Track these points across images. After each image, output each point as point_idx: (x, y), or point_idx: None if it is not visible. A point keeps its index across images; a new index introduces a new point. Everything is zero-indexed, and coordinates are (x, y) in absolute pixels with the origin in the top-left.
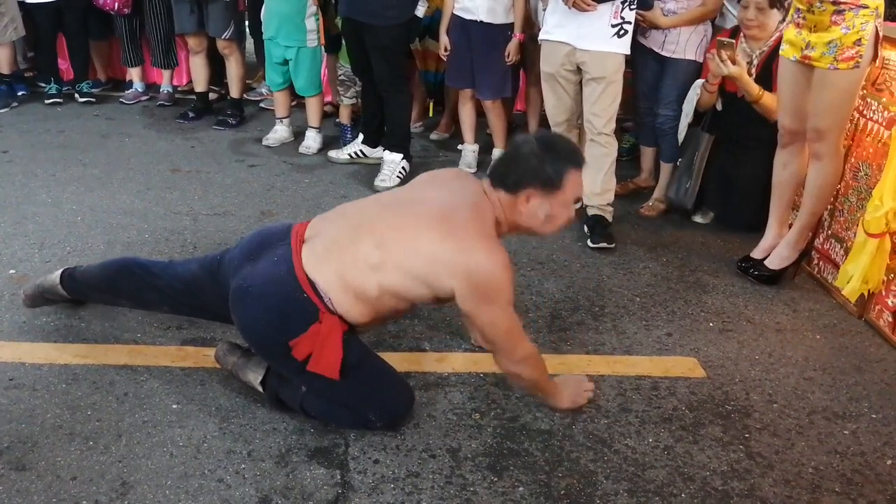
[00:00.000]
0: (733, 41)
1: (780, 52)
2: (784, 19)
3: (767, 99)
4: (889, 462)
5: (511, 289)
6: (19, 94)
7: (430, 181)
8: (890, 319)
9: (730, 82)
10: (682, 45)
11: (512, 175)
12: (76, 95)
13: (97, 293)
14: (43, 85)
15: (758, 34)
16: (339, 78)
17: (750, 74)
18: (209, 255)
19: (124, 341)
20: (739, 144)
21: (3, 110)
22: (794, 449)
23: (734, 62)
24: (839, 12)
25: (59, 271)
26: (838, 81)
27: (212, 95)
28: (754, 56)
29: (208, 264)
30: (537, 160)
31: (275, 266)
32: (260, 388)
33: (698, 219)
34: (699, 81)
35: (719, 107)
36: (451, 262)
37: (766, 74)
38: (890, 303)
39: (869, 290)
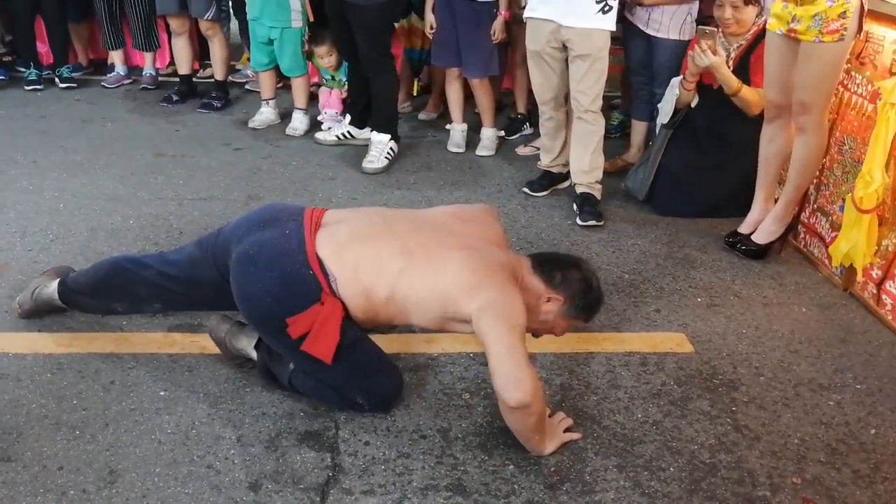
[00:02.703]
0: (714, 29)
1: (767, 25)
2: (760, 13)
3: (746, 92)
4: (873, 431)
5: (524, 320)
6: None
7: (465, 218)
8: (874, 292)
9: (707, 75)
10: (666, 24)
11: (559, 276)
12: (57, 80)
13: (90, 299)
14: (22, 70)
15: (736, 30)
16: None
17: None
18: (205, 235)
19: (110, 329)
20: (707, 136)
21: None
22: (780, 421)
23: (714, 52)
24: None
25: (55, 284)
26: (823, 54)
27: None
28: (732, 49)
29: (205, 240)
30: (584, 289)
31: (285, 239)
32: (253, 354)
33: None
34: (676, 80)
35: (694, 103)
36: (476, 285)
37: (743, 67)
38: (874, 275)
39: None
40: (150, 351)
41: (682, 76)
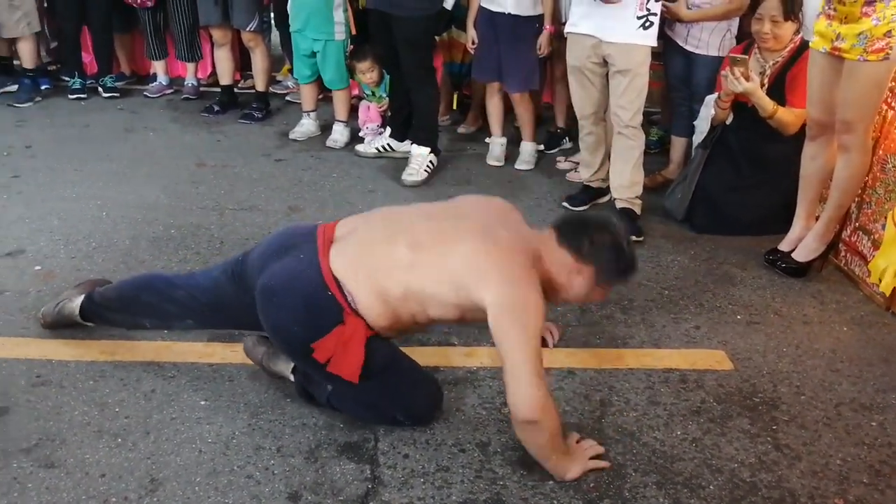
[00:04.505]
0: (746, 57)
1: (810, 44)
2: (798, 30)
3: (782, 114)
4: None
5: (541, 323)
6: (43, 88)
7: (480, 205)
8: None
9: (742, 94)
10: (705, 41)
11: (585, 247)
12: (100, 90)
13: (117, 314)
14: (67, 79)
15: (773, 46)
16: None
17: (762, 85)
18: (230, 259)
19: (151, 338)
20: (743, 156)
21: (27, 104)
22: (821, 440)
23: (747, 78)
24: (870, 3)
25: (80, 299)
26: (868, 73)
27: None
28: (767, 67)
29: (230, 267)
30: (614, 254)
31: (300, 263)
32: (291, 377)
33: None
34: (712, 98)
35: (729, 121)
36: (488, 272)
37: (779, 86)
38: None
39: None
40: (190, 360)
41: (717, 94)
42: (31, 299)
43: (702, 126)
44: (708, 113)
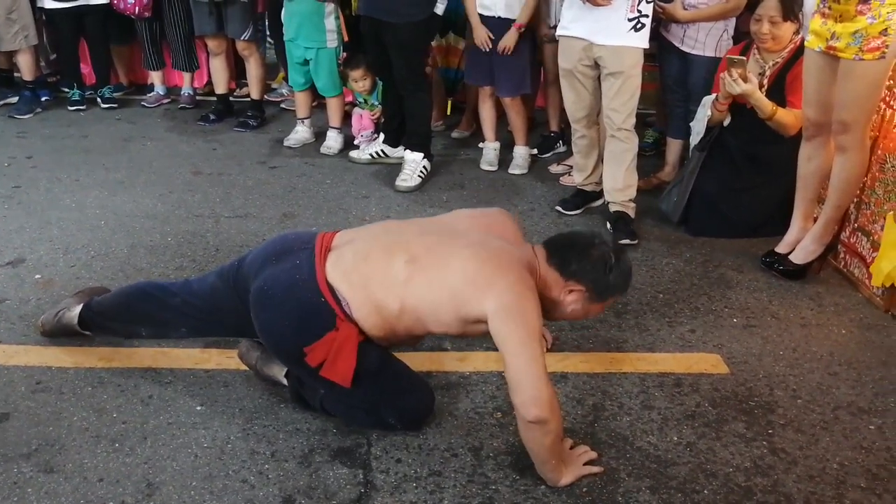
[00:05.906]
0: (744, 58)
1: (805, 43)
2: (798, 31)
3: (781, 115)
4: None
5: (540, 324)
6: (43, 99)
7: (475, 218)
8: None
9: (740, 96)
10: (702, 41)
11: (573, 265)
12: (98, 100)
13: (115, 323)
14: (66, 90)
15: (772, 46)
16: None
17: (761, 86)
18: (226, 265)
19: (148, 344)
20: (741, 157)
21: (27, 116)
22: (818, 444)
23: (745, 79)
24: (865, 2)
25: (79, 308)
26: (864, 72)
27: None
28: (766, 68)
29: (226, 272)
30: (603, 270)
31: (296, 269)
32: (284, 381)
33: None
34: (709, 99)
35: (726, 122)
36: (485, 283)
37: (779, 86)
38: None
39: None
40: (187, 366)
41: (714, 95)
42: (31, 307)
43: (698, 127)
44: (704, 113)
